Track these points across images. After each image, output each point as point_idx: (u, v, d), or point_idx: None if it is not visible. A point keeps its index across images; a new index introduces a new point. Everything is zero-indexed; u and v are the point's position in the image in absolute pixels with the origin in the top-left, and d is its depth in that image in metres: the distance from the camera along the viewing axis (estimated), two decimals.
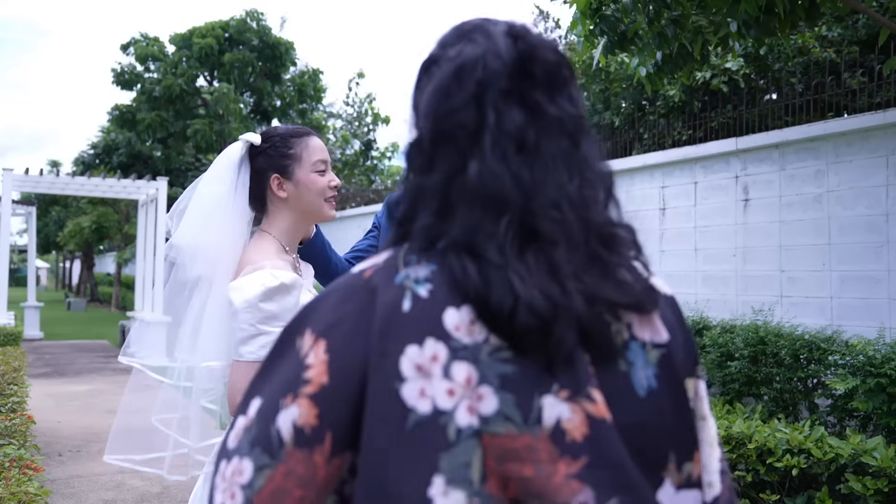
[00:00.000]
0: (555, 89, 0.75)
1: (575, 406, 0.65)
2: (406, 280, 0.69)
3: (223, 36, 18.37)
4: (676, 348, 0.75)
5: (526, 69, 0.74)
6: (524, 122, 0.72)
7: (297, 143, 1.86)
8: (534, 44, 0.76)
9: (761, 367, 4.72)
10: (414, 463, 0.62)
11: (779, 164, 5.75)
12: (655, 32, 4.22)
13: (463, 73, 0.74)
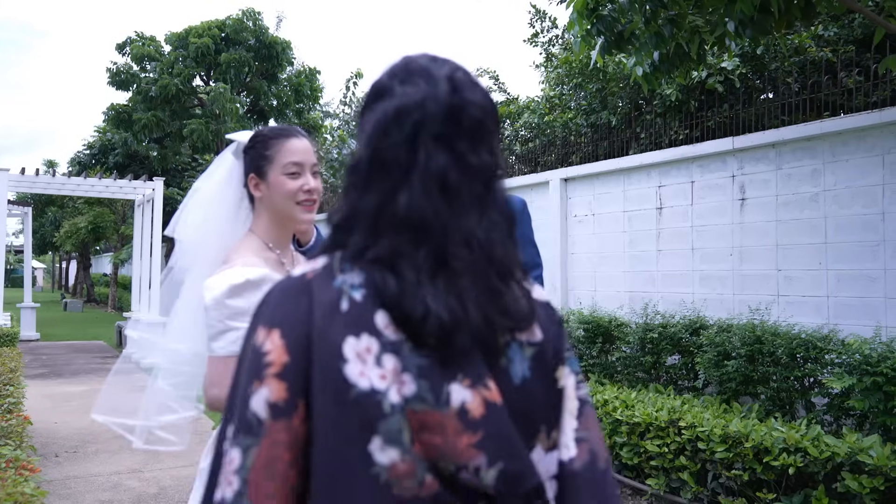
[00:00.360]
0: (477, 140, 0.89)
1: (475, 392, 0.83)
2: (343, 285, 0.86)
3: (219, 35, 18.33)
4: (548, 344, 0.93)
5: (456, 119, 0.88)
6: (448, 166, 0.86)
7: (274, 145, 1.87)
8: (467, 99, 0.89)
9: (758, 366, 4.73)
10: (356, 426, 0.80)
11: (775, 163, 5.76)
12: (652, 32, 4.22)
13: (402, 115, 0.87)
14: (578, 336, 6.36)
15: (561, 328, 0.98)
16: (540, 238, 8.39)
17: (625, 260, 7.20)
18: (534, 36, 10.68)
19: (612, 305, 7.10)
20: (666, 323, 5.69)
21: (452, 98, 0.88)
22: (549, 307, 0.99)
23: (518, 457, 0.85)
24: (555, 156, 9.22)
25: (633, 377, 5.91)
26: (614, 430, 4.78)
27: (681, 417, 4.37)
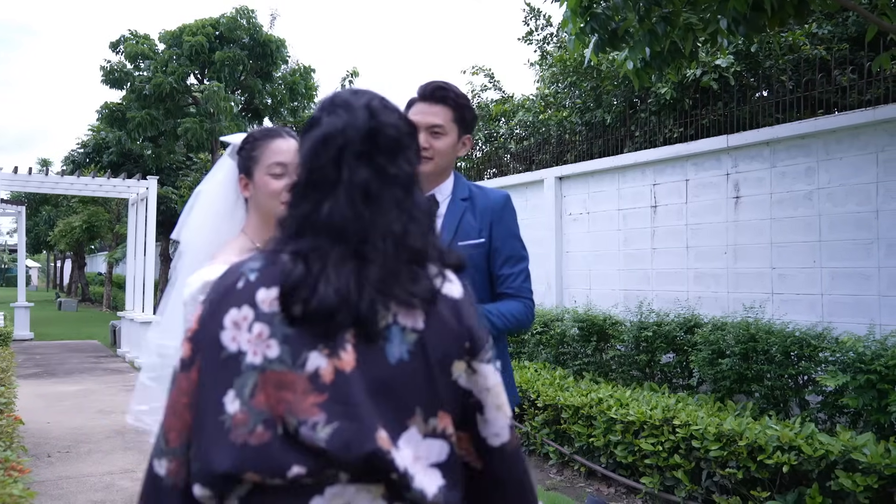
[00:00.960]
0: (395, 154, 1.11)
1: (329, 361, 1.00)
2: (244, 268, 1.08)
3: (213, 34, 18.25)
4: (434, 336, 1.05)
5: (374, 140, 1.10)
6: (370, 178, 1.08)
7: (260, 146, 1.91)
8: (382, 122, 1.11)
9: (752, 364, 4.73)
10: (220, 381, 1.01)
11: (769, 161, 5.76)
12: (646, 30, 4.21)
13: (328, 140, 1.10)
14: (573, 335, 6.35)
15: (473, 327, 1.10)
16: (535, 236, 8.37)
17: (619, 258, 7.20)
18: (528, 34, 10.67)
19: (606, 304, 7.10)
20: (660, 321, 5.69)
21: (370, 122, 1.11)
22: (456, 304, 1.11)
23: (357, 420, 0.98)
24: (549, 154, 9.21)
25: (628, 375, 5.91)
26: (608, 429, 4.77)
27: (675, 416, 4.36)
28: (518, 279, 2.37)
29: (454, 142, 2.35)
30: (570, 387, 5.47)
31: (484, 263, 2.37)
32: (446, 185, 2.42)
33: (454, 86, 2.36)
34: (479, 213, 2.37)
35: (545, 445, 5.45)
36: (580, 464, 5.07)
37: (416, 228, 1.09)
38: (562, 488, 4.90)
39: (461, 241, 2.33)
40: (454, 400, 1.07)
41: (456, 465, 1.06)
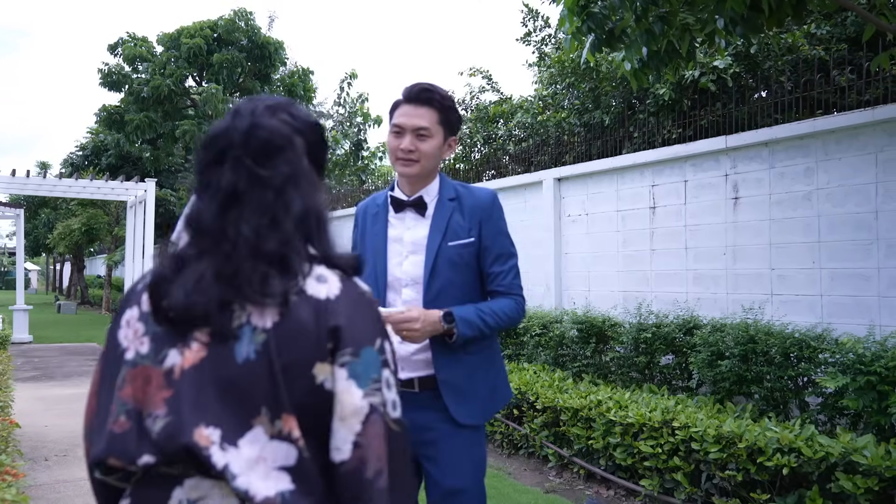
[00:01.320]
0: (269, 157, 1.14)
1: (181, 358, 1.06)
2: (150, 270, 1.15)
3: (212, 36, 18.24)
4: (284, 337, 1.06)
5: (249, 142, 1.13)
6: (237, 179, 1.11)
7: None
8: (259, 124, 1.15)
9: (752, 365, 4.71)
10: (111, 374, 1.13)
11: (768, 161, 5.74)
12: (643, 29, 4.19)
13: (209, 143, 1.16)
14: (572, 336, 6.33)
15: (339, 328, 1.09)
16: (533, 238, 8.34)
17: (618, 259, 7.18)
18: (526, 35, 10.66)
19: (606, 305, 7.08)
20: (660, 323, 5.67)
21: (248, 125, 1.15)
22: (326, 305, 1.10)
23: (179, 414, 1.03)
24: (548, 155, 9.19)
25: (628, 377, 5.89)
26: (608, 431, 4.75)
27: (674, 418, 4.34)
28: (508, 276, 2.39)
29: (440, 144, 2.35)
30: (569, 389, 5.45)
31: (474, 262, 2.38)
32: (433, 187, 2.43)
33: (439, 87, 2.35)
34: (468, 213, 2.37)
35: (544, 448, 5.43)
36: (579, 466, 5.05)
37: (273, 231, 1.11)
38: (561, 491, 4.88)
39: (451, 241, 2.34)
40: (314, 403, 1.07)
41: (310, 471, 1.05)
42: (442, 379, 2.30)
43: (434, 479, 2.32)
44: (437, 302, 2.30)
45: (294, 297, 1.09)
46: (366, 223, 2.50)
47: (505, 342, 7.47)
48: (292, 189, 1.14)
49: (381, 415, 1.09)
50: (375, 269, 2.38)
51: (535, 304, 8.01)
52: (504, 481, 5.08)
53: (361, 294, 1.16)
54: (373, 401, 1.08)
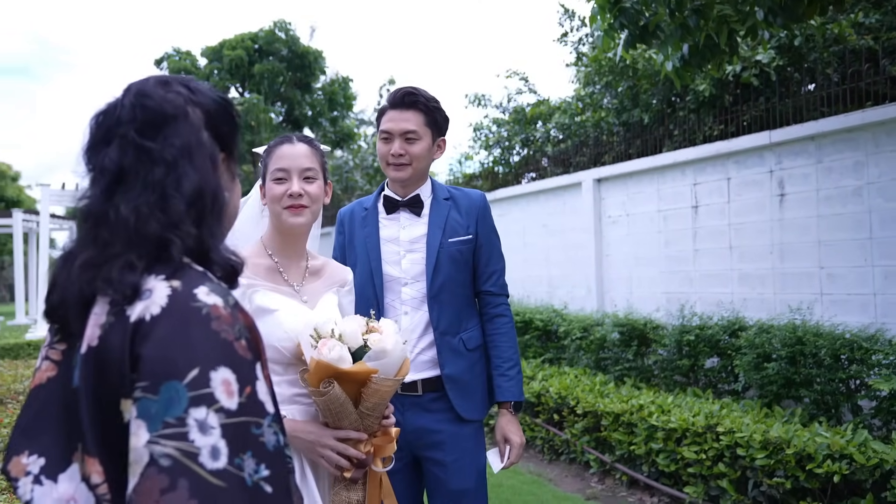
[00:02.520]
0: (157, 127, 1.00)
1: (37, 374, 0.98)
2: None
3: (253, 47, 18.58)
4: (96, 362, 0.90)
5: (135, 115, 1.00)
6: (121, 156, 0.97)
7: (269, 153, 1.94)
8: (147, 93, 1.01)
9: (800, 368, 4.53)
10: None
11: (815, 156, 5.54)
12: (678, 24, 4.08)
13: (96, 121, 1.03)
14: (613, 339, 6.20)
15: (136, 358, 0.89)
16: (573, 240, 8.23)
17: (661, 260, 7.02)
18: (563, 35, 10.54)
19: (648, 307, 6.92)
20: (703, 324, 5.51)
21: (134, 98, 1.01)
22: (136, 328, 0.90)
23: (12, 437, 0.95)
24: (587, 156, 9.06)
25: (671, 381, 5.73)
26: (650, 436, 4.63)
27: (719, 423, 4.21)
28: (502, 277, 2.51)
29: (429, 146, 2.41)
30: (610, 393, 5.34)
31: (471, 259, 2.45)
32: (426, 187, 2.49)
33: (423, 90, 2.41)
34: (465, 212, 2.44)
35: (585, 453, 5.32)
36: (622, 472, 4.93)
37: (160, 210, 0.95)
38: (603, 498, 4.77)
39: (450, 237, 2.40)
40: (125, 447, 0.87)
41: None
42: (447, 374, 2.34)
43: (440, 481, 2.34)
44: (438, 297, 2.35)
45: (112, 318, 0.91)
46: (353, 227, 2.52)
47: (546, 346, 7.38)
48: (186, 163, 0.99)
49: (163, 469, 0.84)
50: (371, 269, 2.39)
51: (577, 306, 7.89)
52: (544, 487, 4.99)
53: (196, 310, 0.92)
54: (155, 449, 0.84)
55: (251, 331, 0.97)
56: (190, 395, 0.87)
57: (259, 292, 1.83)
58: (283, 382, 1.81)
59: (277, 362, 1.81)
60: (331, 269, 2.06)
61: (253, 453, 0.89)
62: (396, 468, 2.31)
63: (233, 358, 0.91)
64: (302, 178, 1.88)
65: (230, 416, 0.88)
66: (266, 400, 0.93)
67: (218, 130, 1.08)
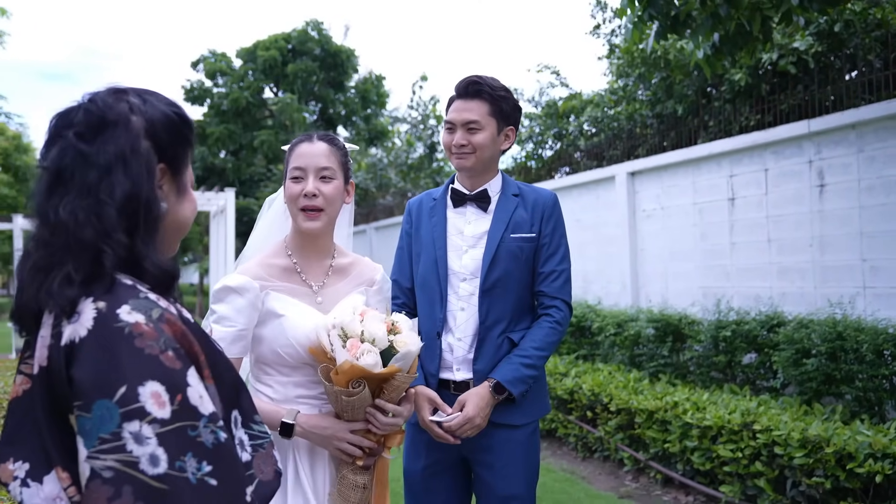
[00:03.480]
0: (96, 131, 1.03)
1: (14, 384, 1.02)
2: None
3: (286, 47, 18.75)
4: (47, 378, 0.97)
5: (79, 119, 1.04)
6: (61, 157, 1.02)
7: (290, 152, 1.91)
8: (91, 100, 1.06)
9: (841, 364, 4.40)
10: None
11: (856, 145, 5.36)
12: (708, 13, 3.97)
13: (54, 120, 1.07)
14: (648, 335, 6.11)
15: (70, 380, 0.94)
16: (607, 235, 8.13)
17: (696, 254, 6.88)
18: (595, 27, 10.41)
19: (684, 302, 6.80)
20: (740, 319, 5.38)
21: (85, 103, 1.06)
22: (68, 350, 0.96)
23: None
24: (620, 150, 8.93)
25: (707, 377, 5.62)
26: (684, 434, 4.54)
27: (755, 420, 4.11)
28: (559, 279, 2.35)
29: (493, 135, 2.33)
30: (644, 390, 5.26)
31: (532, 258, 2.35)
32: (496, 182, 2.42)
33: (490, 78, 2.33)
34: (531, 208, 2.36)
35: (619, 451, 5.25)
36: (656, 470, 4.85)
37: (94, 217, 1.00)
38: (637, 496, 4.70)
39: (513, 233, 2.32)
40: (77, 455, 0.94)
41: None
42: (476, 370, 2.27)
43: (488, 484, 2.28)
44: (491, 292, 2.29)
45: (53, 340, 0.97)
46: (420, 217, 2.48)
47: (579, 342, 7.30)
48: (119, 170, 1.02)
49: (107, 480, 0.90)
50: (436, 261, 2.35)
51: (611, 302, 7.79)
52: (576, 486, 4.94)
53: (118, 330, 0.97)
54: (96, 464, 0.91)
55: (181, 338, 1.02)
56: (121, 412, 0.92)
57: (271, 295, 1.82)
58: (288, 384, 1.84)
59: (281, 365, 1.83)
60: (359, 267, 2.01)
61: (193, 453, 0.96)
62: (445, 467, 2.30)
63: (160, 370, 0.96)
64: (318, 177, 1.85)
65: (164, 424, 0.94)
66: (199, 403, 0.99)
67: (159, 142, 1.10)
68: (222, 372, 1.13)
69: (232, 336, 1.76)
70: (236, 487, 1.02)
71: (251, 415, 1.20)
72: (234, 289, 1.77)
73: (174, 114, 1.14)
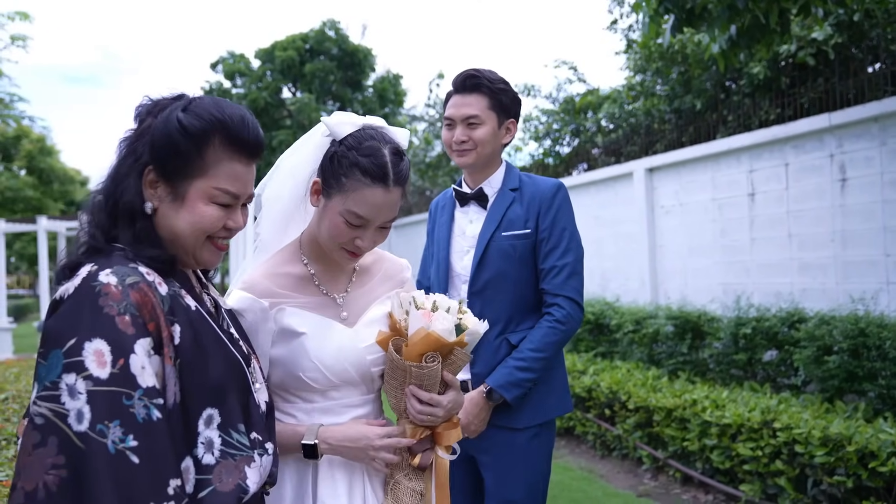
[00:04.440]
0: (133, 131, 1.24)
1: None
2: None
3: (303, 47, 18.82)
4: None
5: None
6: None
7: (352, 180, 1.49)
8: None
9: (863, 361, 4.32)
10: None
11: (879, 138, 5.27)
12: (725, 5, 3.92)
13: None
14: (667, 332, 6.05)
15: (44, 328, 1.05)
16: (626, 231, 8.05)
17: (716, 251, 6.81)
18: (613, 23, 10.33)
19: (703, 299, 6.72)
20: (761, 316, 5.31)
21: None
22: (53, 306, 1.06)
23: None
24: (638, 145, 8.86)
25: (727, 375, 5.56)
26: (703, 432, 4.49)
27: (776, 418, 4.05)
28: (561, 275, 2.23)
29: (494, 129, 2.27)
30: (662, 388, 5.21)
31: (531, 256, 2.26)
32: (496, 177, 2.36)
33: (487, 71, 2.28)
34: (527, 203, 2.27)
35: (638, 449, 5.21)
36: (675, 469, 4.81)
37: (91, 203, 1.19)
38: (655, 495, 4.65)
39: (505, 231, 2.25)
40: None
41: None
42: (474, 373, 2.22)
43: (489, 488, 2.22)
44: (483, 293, 2.23)
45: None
46: (435, 216, 2.47)
47: (597, 339, 7.25)
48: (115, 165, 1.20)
49: (37, 427, 0.95)
50: (439, 262, 2.33)
51: (630, 299, 7.73)
52: (594, 484, 4.91)
53: (91, 288, 1.04)
54: (33, 409, 0.97)
55: (143, 309, 1.05)
56: (64, 362, 0.97)
57: (286, 311, 1.55)
58: (313, 411, 1.58)
59: (304, 391, 1.58)
60: (384, 264, 1.75)
61: (121, 423, 0.96)
62: (454, 464, 2.25)
63: (111, 330, 1.00)
64: (378, 227, 1.55)
65: (98, 384, 0.97)
66: (139, 374, 1.00)
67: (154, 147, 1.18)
68: (205, 366, 1.13)
69: None
70: (159, 475, 0.99)
71: (236, 423, 1.18)
72: (236, 309, 1.49)
73: (177, 122, 1.17)
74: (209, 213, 1.19)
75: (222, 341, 1.22)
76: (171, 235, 1.20)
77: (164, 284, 1.13)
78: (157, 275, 1.14)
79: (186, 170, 1.18)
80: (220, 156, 1.19)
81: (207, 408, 1.13)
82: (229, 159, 1.20)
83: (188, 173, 1.18)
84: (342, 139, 1.52)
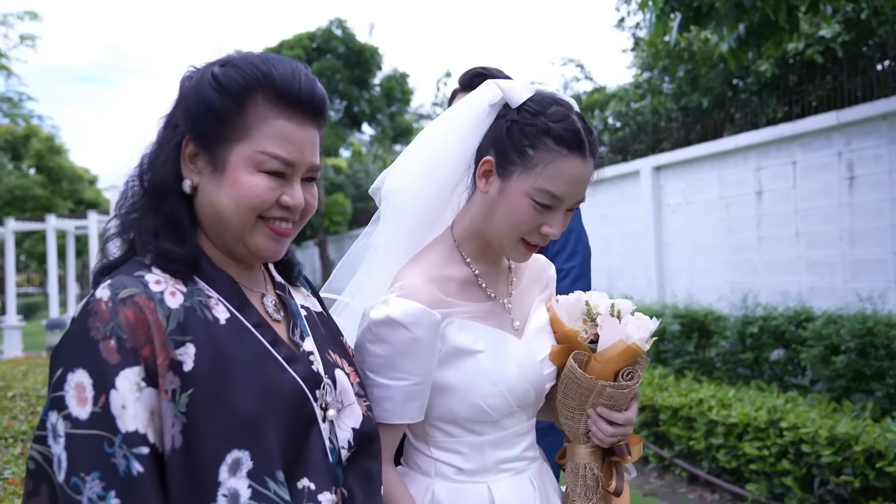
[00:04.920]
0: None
1: None
2: None
3: (310, 46, 18.83)
4: None
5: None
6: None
7: (546, 152, 1.21)
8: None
9: (871, 360, 4.30)
10: None
11: (887, 136, 5.24)
12: (732, 3, 3.91)
13: None
14: (673, 331, 6.04)
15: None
16: (632, 230, 8.03)
17: (723, 249, 6.79)
18: (620, 20, 10.31)
19: (710, 297, 6.71)
20: (768, 315, 5.30)
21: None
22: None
23: None
24: (645, 144, 8.84)
25: (734, 374, 5.54)
26: (710, 432, 4.49)
27: (782, 417, 4.04)
28: (568, 278, 2.18)
29: None
30: (668, 387, 5.20)
31: None
32: None
33: (495, 69, 2.22)
34: None
35: (644, 448, 5.20)
36: (681, 468, 4.80)
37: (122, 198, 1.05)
38: (661, 493, 4.65)
39: None
40: None
41: None
42: None
43: None
44: None
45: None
46: None
47: None
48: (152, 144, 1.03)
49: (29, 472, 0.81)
50: None
51: (637, 297, 7.66)
52: None
53: (85, 307, 0.87)
54: (29, 451, 0.82)
55: (134, 330, 0.84)
56: (50, 397, 0.82)
57: (454, 323, 1.25)
58: (484, 446, 1.29)
59: (478, 422, 1.27)
60: (529, 261, 1.44)
61: (101, 475, 0.78)
62: None
63: (93, 359, 0.82)
64: (567, 211, 1.28)
65: (76, 425, 0.80)
66: (119, 415, 0.81)
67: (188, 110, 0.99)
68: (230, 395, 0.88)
69: (404, 393, 1.20)
70: None
71: (273, 469, 0.90)
72: (401, 322, 1.17)
73: (211, 77, 0.96)
74: (254, 184, 0.95)
75: (268, 360, 0.96)
76: (215, 219, 0.98)
77: (178, 294, 0.91)
78: (175, 281, 0.93)
79: (225, 132, 0.95)
80: (265, 113, 0.95)
81: (234, 450, 0.87)
82: (276, 117, 0.96)
83: (227, 136, 0.95)
84: (520, 105, 1.25)
